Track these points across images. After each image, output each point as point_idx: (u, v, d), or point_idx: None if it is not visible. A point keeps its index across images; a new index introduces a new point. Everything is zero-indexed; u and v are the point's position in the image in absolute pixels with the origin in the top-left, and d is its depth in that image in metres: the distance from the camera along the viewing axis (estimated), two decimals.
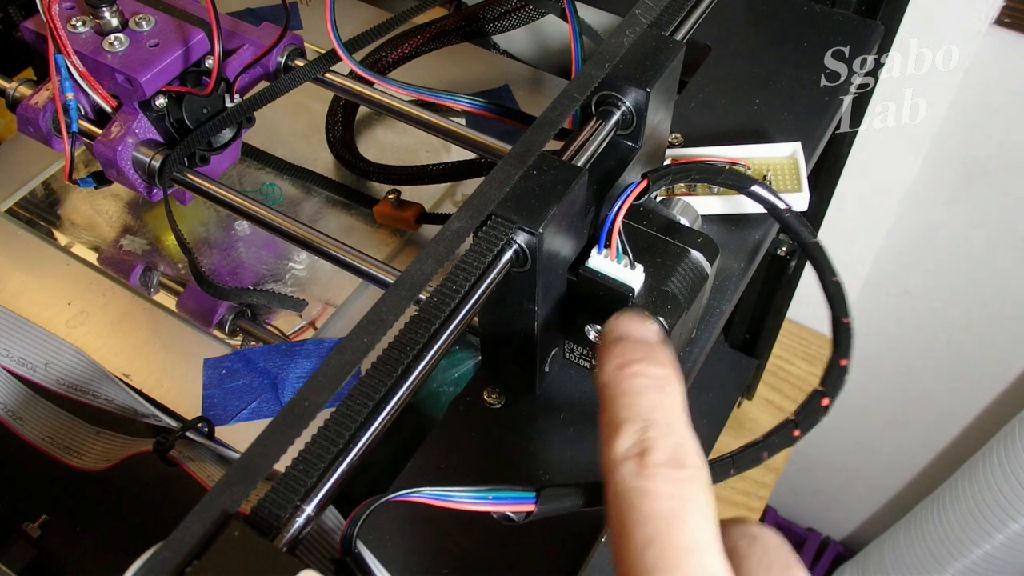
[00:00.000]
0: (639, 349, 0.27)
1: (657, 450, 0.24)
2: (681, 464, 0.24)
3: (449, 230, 0.28)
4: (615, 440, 0.25)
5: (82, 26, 0.42)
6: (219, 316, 0.52)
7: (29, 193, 0.58)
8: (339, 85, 0.46)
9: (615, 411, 0.25)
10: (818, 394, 0.29)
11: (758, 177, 0.42)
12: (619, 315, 0.29)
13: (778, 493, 1.34)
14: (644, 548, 0.22)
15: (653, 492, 0.23)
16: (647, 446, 0.24)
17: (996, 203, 0.81)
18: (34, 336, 0.39)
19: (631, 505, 0.23)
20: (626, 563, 0.23)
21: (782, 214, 0.33)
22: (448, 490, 0.25)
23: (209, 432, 0.41)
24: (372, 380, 0.25)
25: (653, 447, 0.24)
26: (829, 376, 0.29)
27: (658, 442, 0.24)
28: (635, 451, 0.24)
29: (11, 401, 0.39)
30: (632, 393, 0.26)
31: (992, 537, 0.96)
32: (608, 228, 0.31)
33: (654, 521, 0.23)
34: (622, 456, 0.24)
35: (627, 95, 0.33)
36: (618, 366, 0.26)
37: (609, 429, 0.25)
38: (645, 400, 0.25)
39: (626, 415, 0.25)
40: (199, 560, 0.20)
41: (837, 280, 0.32)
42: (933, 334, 0.99)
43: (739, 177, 0.33)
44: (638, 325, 0.28)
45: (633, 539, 0.23)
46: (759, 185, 0.33)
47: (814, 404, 0.29)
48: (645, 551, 0.22)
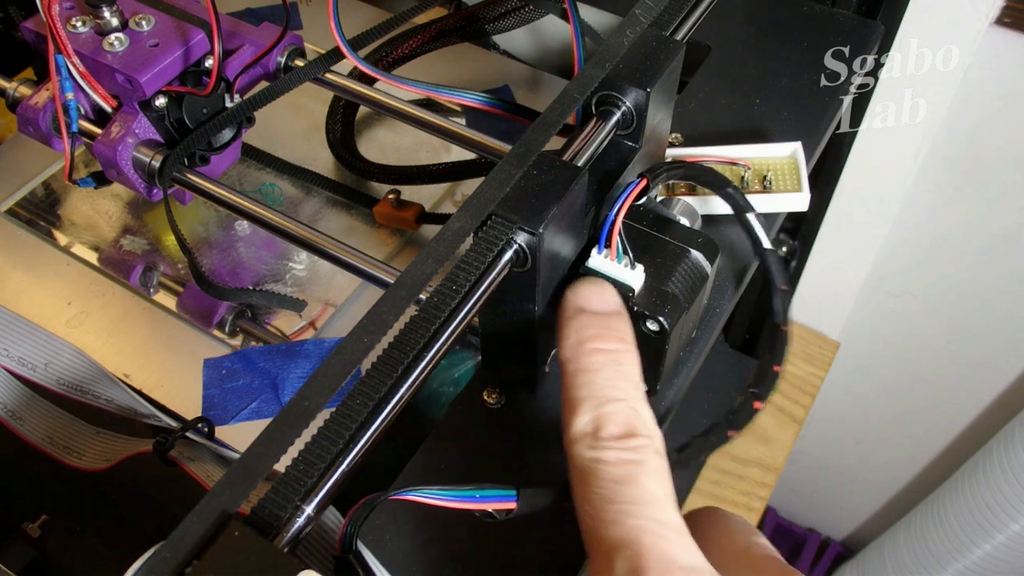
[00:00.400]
0: (596, 324, 0.29)
1: (610, 424, 0.26)
2: (632, 434, 0.26)
3: (449, 230, 0.28)
4: (574, 418, 0.27)
5: (82, 26, 0.42)
6: (219, 316, 0.52)
7: (29, 193, 0.58)
8: (339, 85, 0.46)
9: (574, 389, 0.28)
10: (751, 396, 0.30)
11: (758, 177, 0.42)
12: (577, 285, 0.30)
13: (778, 493, 1.34)
14: (601, 507, 0.24)
15: (608, 460, 0.25)
16: (602, 421, 0.26)
17: (996, 203, 0.81)
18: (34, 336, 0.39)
19: (588, 473, 0.25)
20: (588, 526, 0.25)
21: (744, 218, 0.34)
22: (440, 489, 0.26)
23: (209, 432, 0.41)
24: (372, 380, 0.25)
25: (608, 421, 0.26)
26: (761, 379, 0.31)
27: (611, 417, 0.26)
28: (590, 428, 0.26)
29: (11, 401, 0.39)
30: (590, 370, 0.28)
31: (992, 537, 0.96)
32: (608, 228, 0.31)
33: (609, 483, 0.25)
34: (580, 432, 0.26)
35: (627, 95, 0.33)
36: (577, 343, 0.28)
37: (569, 406, 0.27)
38: (601, 377, 0.27)
39: (583, 393, 0.27)
40: (199, 560, 0.20)
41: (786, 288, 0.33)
42: (933, 334, 0.98)
43: (717, 178, 0.34)
44: (598, 296, 0.30)
45: (591, 501, 0.25)
46: (732, 188, 0.34)
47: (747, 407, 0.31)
48: (602, 509, 0.24)
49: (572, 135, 0.34)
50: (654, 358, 0.33)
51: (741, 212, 0.34)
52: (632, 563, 0.23)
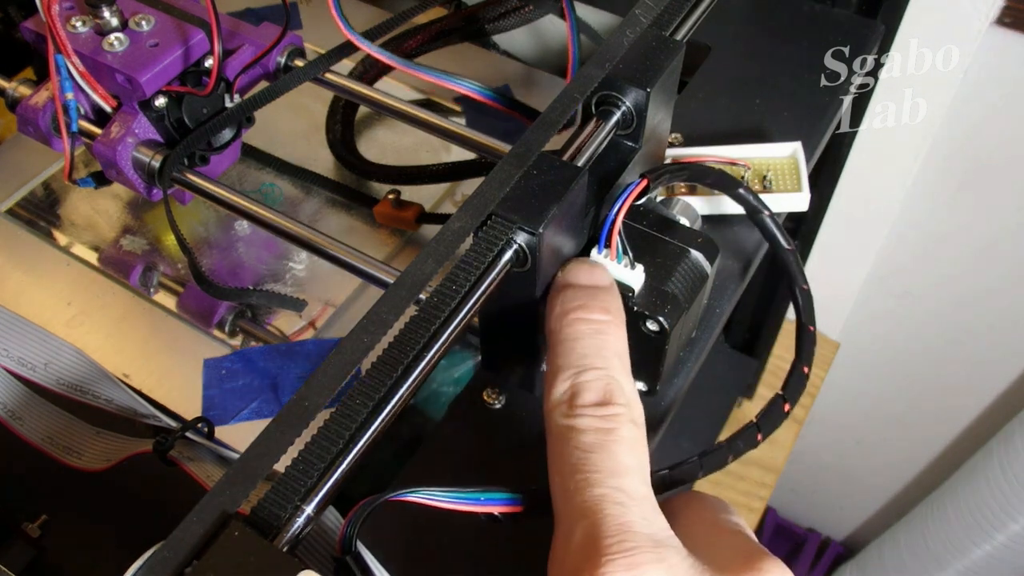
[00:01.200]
0: (582, 295, 0.29)
1: (587, 392, 0.26)
2: (608, 403, 0.26)
3: (449, 230, 0.28)
4: (553, 386, 0.27)
5: (82, 26, 0.42)
6: (219, 316, 0.52)
7: (29, 193, 0.58)
8: (339, 85, 0.46)
9: (555, 357, 0.28)
10: (779, 399, 0.30)
11: (758, 177, 0.42)
12: (568, 263, 0.30)
13: (778, 493, 1.34)
14: (569, 475, 0.24)
15: (579, 428, 0.25)
16: (578, 389, 0.26)
17: (996, 203, 0.81)
18: (34, 336, 0.39)
19: (561, 441, 0.25)
20: (556, 495, 0.25)
21: (761, 218, 0.34)
22: (442, 491, 0.26)
23: (209, 432, 0.41)
24: (372, 380, 0.25)
25: (584, 389, 0.26)
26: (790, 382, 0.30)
27: (589, 385, 0.26)
28: (567, 395, 0.26)
29: (11, 401, 0.39)
30: (571, 339, 0.28)
31: (992, 537, 0.96)
32: (608, 228, 0.31)
33: (579, 451, 0.25)
34: (557, 400, 0.26)
35: (627, 95, 0.33)
36: (561, 313, 0.28)
37: (549, 375, 0.27)
38: (581, 346, 0.27)
39: (564, 361, 0.27)
40: (199, 560, 0.20)
41: (807, 288, 0.32)
42: (933, 334, 0.99)
43: (726, 179, 0.34)
44: (586, 272, 0.30)
45: (561, 469, 0.25)
46: (744, 189, 0.34)
47: (776, 409, 0.30)
48: (570, 478, 0.24)
49: (572, 135, 0.34)
50: (654, 358, 0.33)
51: (756, 213, 0.34)
52: (589, 532, 0.22)
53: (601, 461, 0.24)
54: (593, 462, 0.24)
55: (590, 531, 0.22)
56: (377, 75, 0.57)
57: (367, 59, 0.57)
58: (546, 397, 0.27)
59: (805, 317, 0.32)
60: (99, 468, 0.39)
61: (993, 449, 0.95)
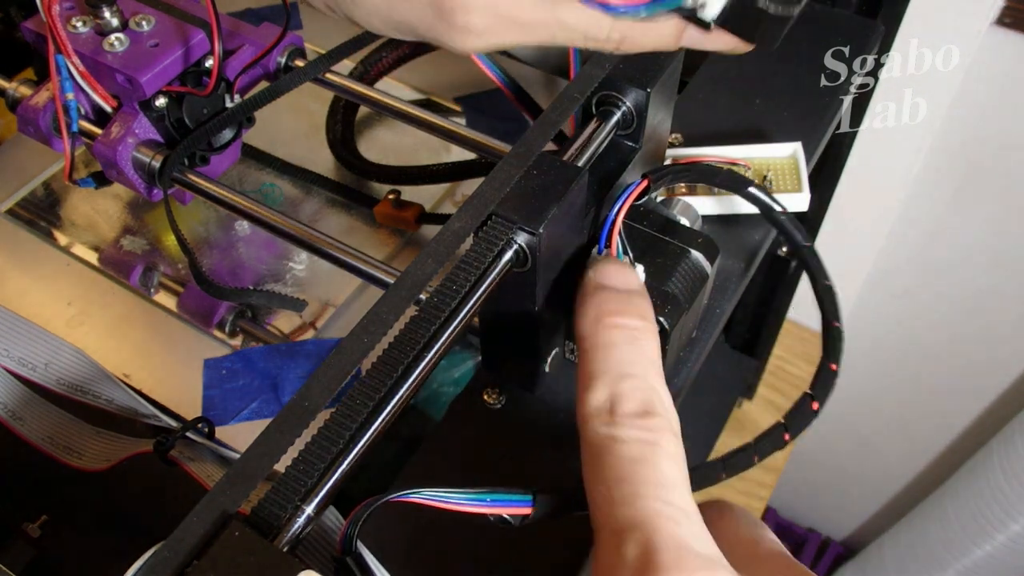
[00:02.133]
0: (616, 300, 0.28)
1: (627, 401, 0.25)
2: (650, 413, 0.25)
3: (449, 230, 0.28)
4: (589, 393, 0.26)
5: (82, 26, 0.42)
6: (219, 316, 0.52)
7: (29, 193, 0.58)
8: (339, 85, 0.46)
9: (590, 364, 0.27)
10: (808, 398, 0.29)
11: (759, 177, 0.42)
12: (598, 263, 0.30)
13: (778, 493, 1.34)
14: (614, 486, 0.23)
15: (622, 438, 0.24)
16: (617, 398, 0.25)
17: (996, 203, 0.81)
18: (34, 336, 0.39)
19: (602, 451, 0.24)
20: (598, 505, 0.24)
21: (777, 217, 0.33)
22: (446, 492, 0.25)
23: (209, 432, 0.40)
24: (372, 380, 0.25)
25: (623, 399, 0.25)
26: (819, 380, 0.30)
27: (629, 394, 0.25)
28: (606, 404, 0.25)
29: (11, 401, 0.39)
30: (607, 346, 0.27)
31: (992, 537, 0.96)
32: (608, 228, 0.31)
33: (624, 462, 0.24)
34: (595, 408, 0.25)
35: (627, 95, 0.33)
36: (596, 317, 0.28)
37: (584, 381, 0.26)
38: (618, 353, 0.27)
39: (600, 368, 0.26)
40: (199, 560, 0.20)
41: (829, 284, 0.32)
42: (933, 334, 0.98)
43: (736, 179, 0.33)
44: (618, 274, 0.29)
45: (604, 480, 0.24)
46: (755, 187, 0.33)
47: (804, 408, 0.29)
48: (615, 488, 0.23)
49: (572, 135, 0.34)
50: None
51: (770, 212, 0.33)
52: (644, 546, 0.22)
53: (648, 473, 0.24)
54: (640, 474, 0.24)
55: (645, 545, 0.22)
56: (377, 75, 0.57)
57: (367, 59, 0.57)
58: (581, 404, 0.26)
59: (830, 313, 0.31)
60: (99, 468, 0.39)
61: (993, 449, 0.95)
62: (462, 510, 0.26)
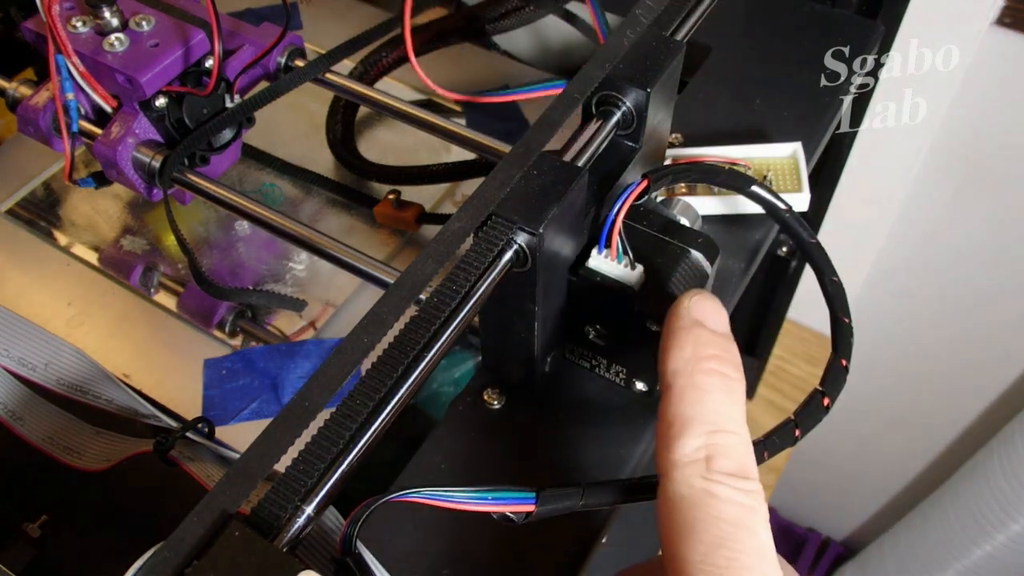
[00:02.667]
0: (716, 343, 0.26)
1: (725, 458, 0.24)
2: (746, 476, 0.24)
3: (449, 230, 0.28)
4: (681, 439, 0.24)
5: (82, 26, 0.42)
6: (219, 316, 0.52)
7: (29, 193, 0.58)
8: (339, 85, 0.46)
9: (683, 405, 0.25)
10: (818, 394, 0.29)
11: (758, 177, 0.42)
12: (697, 296, 0.27)
13: (778, 493, 1.34)
14: (714, 549, 0.22)
15: (723, 497, 0.23)
16: (714, 452, 0.24)
17: (997, 203, 0.81)
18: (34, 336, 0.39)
19: (698, 506, 0.23)
20: (689, 562, 0.22)
21: (782, 214, 0.33)
22: (448, 491, 0.25)
23: (209, 432, 0.40)
24: (372, 380, 0.25)
25: (721, 454, 0.24)
26: (829, 376, 0.29)
27: (726, 450, 0.24)
28: (702, 454, 0.24)
29: (11, 401, 0.39)
30: (703, 389, 0.25)
31: (992, 537, 0.96)
32: (608, 228, 0.31)
33: (725, 524, 0.22)
34: (689, 457, 0.24)
35: (627, 95, 0.33)
36: (694, 357, 0.25)
37: (674, 425, 0.24)
38: (717, 402, 0.25)
39: (694, 413, 0.24)
40: (199, 560, 0.20)
41: (837, 280, 0.32)
42: (934, 334, 0.98)
43: (738, 178, 0.33)
44: (715, 313, 0.27)
45: (702, 539, 0.22)
46: (758, 186, 0.33)
47: (815, 404, 0.29)
48: (715, 552, 0.22)
49: (572, 135, 0.34)
50: (655, 359, 0.33)
51: (775, 210, 0.33)
52: None
53: (749, 541, 0.22)
54: (741, 540, 0.22)
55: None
56: (377, 75, 0.57)
57: (367, 59, 0.57)
58: (668, 448, 0.24)
59: (839, 309, 0.31)
60: (99, 468, 0.39)
61: (993, 449, 0.95)
62: (464, 508, 0.26)
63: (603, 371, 0.36)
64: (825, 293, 0.31)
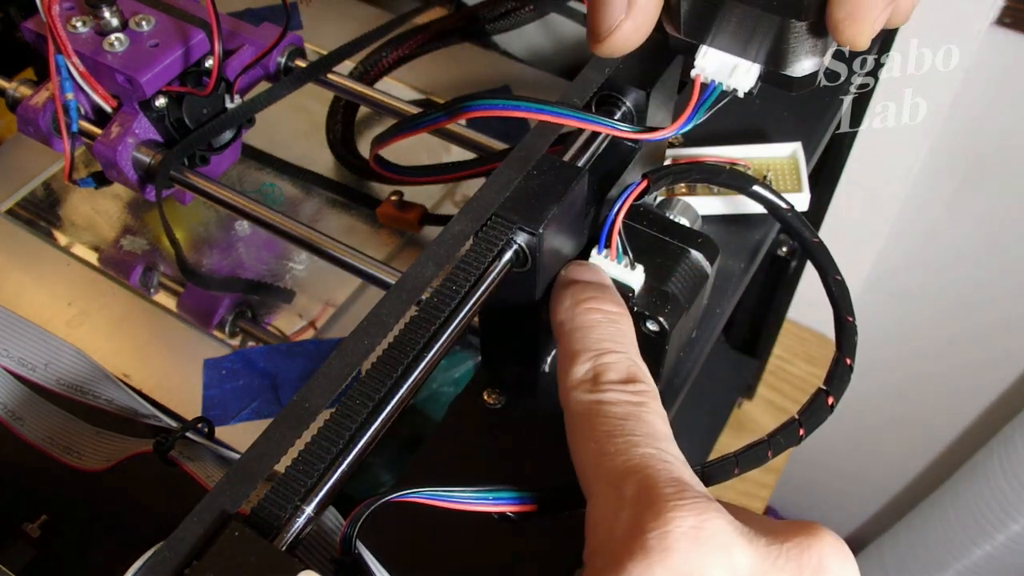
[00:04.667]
0: (591, 288, 0.29)
1: (610, 371, 0.26)
2: (633, 381, 0.26)
3: (450, 232, 0.28)
4: (572, 368, 0.27)
5: (82, 26, 0.42)
6: (219, 316, 0.52)
7: (29, 193, 0.58)
8: (339, 85, 0.46)
9: (572, 343, 0.28)
10: (823, 393, 0.29)
11: (758, 177, 0.42)
12: (571, 265, 0.31)
13: (778, 493, 1.34)
14: (605, 440, 0.24)
15: (609, 400, 0.25)
16: (600, 369, 0.26)
17: (996, 203, 0.81)
18: (34, 336, 0.39)
19: (588, 415, 0.25)
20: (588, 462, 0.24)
21: (784, 214, 0.33)
22: (448, 490, 0.25)
23: (209, 432, 0.40)
24: (372, 381, 0.25)
25: (607, 369, 0.26)
26: (833, 375, 0.29)
27: (612, 365, 0.26)
28: (590, 374, 0.26)
29: (11, 401, 0.39)
30: (587, 327, 0.28)
31: (992, 537, 0.96)
32: (608, 228, 0.31)
33: (613, 420, 0.25)
34: (579, 380, 0.26)
35: (627, 95, 0.33)
36: (574, 303, 0.29)
37: (566, 360, 0.27)
38: (599, 331, 0.28)
39: (581, 346, 0.27)
40: (199, 560, 0.21)
41: (840, 279, 0.32)
42: (934, 334, 0.98)
43: (740, 177, 0.33)
44: (590, 271, 0.31)
45: (594, 438, 0.24)
46: (760, 185, 0.33)
47: (819, 403, 0.29)
48: (606, 443, 0.24)
49: (572, 135, 0.34)
50: (654, 358, 0.33)
51: (777, 209, 0.33)
52: (642, 483, 0.22)
53: (638, 427, 0.24)
54: (630, 427, 0.24)
55: (644, 483, 0.22)
56: (377, 75, 0.57)
57: (367, 59, 0.57)
58: (563, 379, 0.27)
59: (843, 308, 0.31)
60: (99, 468, 0.39)
61: (993, 449, 0.95)
62: (465, 508, 0.26)
63: None
64: (829, 292, 0.31)
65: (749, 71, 0.28)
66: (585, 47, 0.28)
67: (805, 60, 0.27)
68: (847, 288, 0.31)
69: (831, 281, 0.31)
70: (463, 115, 0.34)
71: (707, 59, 0.29)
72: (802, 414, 0.29)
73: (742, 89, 0.29)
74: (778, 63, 0.27)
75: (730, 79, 0.28)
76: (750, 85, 0.28)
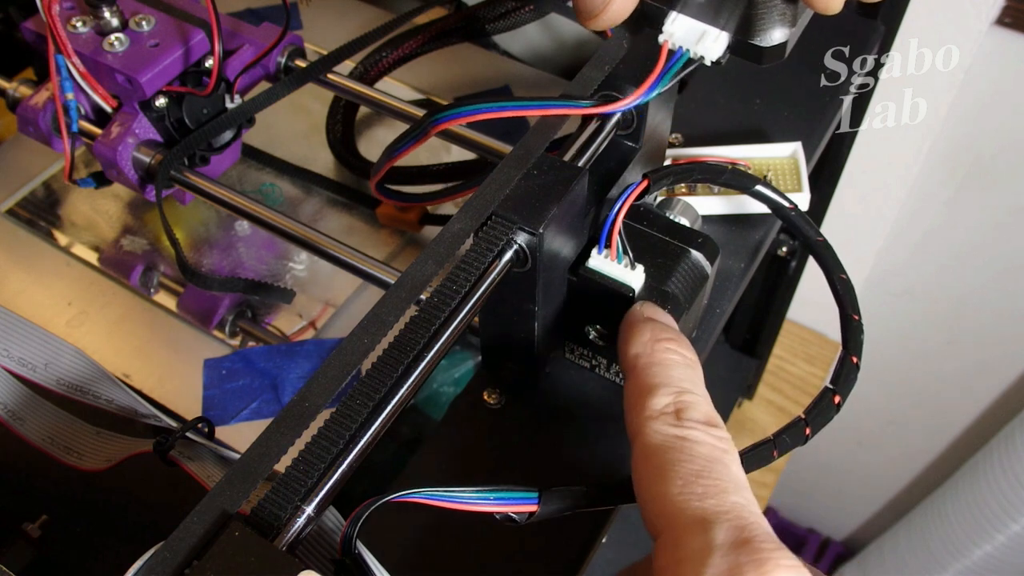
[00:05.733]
0: (671, 331, 0.29)
1: (692, 409, 0.26)
2: (715, 425, 0.25)
3: (449, 231, 0.28)
4: (650, 399, 0.26)
5: (82, 26, 0.42)
6: (219, 316, 0.52)
7: (29, 193, 0.58)
8: (339, 85, 0.46)
9: (648, 377, 0.27)
10: (829, 392, 0.29)
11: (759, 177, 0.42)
12: (644, 303, 0.31)
13: (778, 493, 1.34)
14: (692, 479, 0.24)
15: (695, 439, 0.25)
16: (682, 406, 0.26)
17: (996, 203, 0.81)
18: (34, 336, 0.39)
19: (673, 449, 0.25)
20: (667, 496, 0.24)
21: (788, 213, 0.33)
22: (449, 490, 0.25)
23: (209, 432, 0.40)
24: (372, 380, 0.25)
25: (688, 407, 0.26)
26: (840, 373, 0.29)
27: (693, 404, 0.26)
28: (671, 408, 0.26)
29: (11, 401, 0.39)
30: (666, 364, 0.27)
31: (992, 537, 0.96)
32: (608, 228, 0.31)
33: (700, 459, 0.24)
34: (659, 411, 0.26)
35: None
36: (652, 340, 0.28)
37: (643, 393, 0.27)
38: (677, 372, 0.27)
39: (660, 381, 0.27)
40: (199, 560, 0.21)
41: (845, 277, 0.32)
42: (934, 334, 0.98)
43: (743, 177, 0.33)
44: (664, 314, 0.31)
45: (679, 474, 0.24)
46: (763, 185, 0.33)
47: (826, 402, 0.29)
48: (693, 482, 0.24)
49: (572, 135, 0.34)
50: None
51: (780, 209, 0.33)
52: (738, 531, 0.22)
53: (725, 473, 0.24)
54: (718, 472, 0.24)
55: (740, 531, 0.22)
56: (377, 75, 0.57)
57: (367, 59, 0.57)
58: (638, 410, 0.26)
59: (848, 306, 0.31)
60: (99, 468, 0.39)
61: (993, 449, 0.95)
62: (466, 509, 0.26)
63: (603, 371, 0.36)
64: (834, 291, 0.31)
65: (718, 39, 0.28)
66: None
67: (775, 30, 0.27)
68: (852, 286, 0.31)
69: (836, 279, 0.31)
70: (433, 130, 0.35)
71: (676, 24, 0.29)
72: (808, 413, 0.29)
73: (709, 57, 0.28)
74: (748, 32, 0.27)
75: (697, 46, 0.28)
76: (718, 54, 0.28)
